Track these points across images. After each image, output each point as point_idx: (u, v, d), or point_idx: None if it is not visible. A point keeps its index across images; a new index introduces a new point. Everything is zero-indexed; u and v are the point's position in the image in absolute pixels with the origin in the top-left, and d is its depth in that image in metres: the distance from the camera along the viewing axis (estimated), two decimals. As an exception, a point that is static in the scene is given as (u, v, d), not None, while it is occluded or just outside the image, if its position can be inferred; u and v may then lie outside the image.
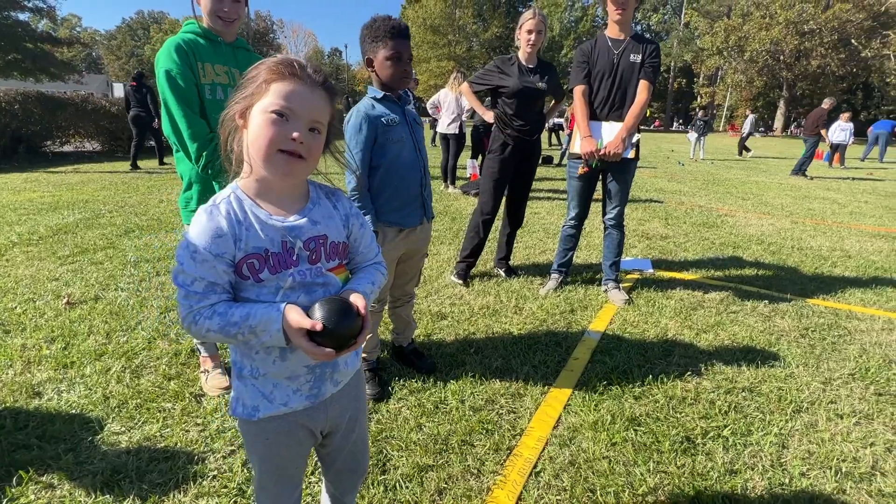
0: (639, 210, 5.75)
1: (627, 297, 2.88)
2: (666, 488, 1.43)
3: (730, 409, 1.83)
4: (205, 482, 1.41)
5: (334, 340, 0.77)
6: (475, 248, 3.14)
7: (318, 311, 0.77)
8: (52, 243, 3.75)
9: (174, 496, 1.36)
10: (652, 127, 46.93)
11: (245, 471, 1.46)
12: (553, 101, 3.34)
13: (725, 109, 45.97)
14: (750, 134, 15.70)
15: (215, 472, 1.45)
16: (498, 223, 3.29)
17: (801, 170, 10.23)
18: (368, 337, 1.86)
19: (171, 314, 2.54)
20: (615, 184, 2.85)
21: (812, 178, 9.89)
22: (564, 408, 1.83)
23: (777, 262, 3.80)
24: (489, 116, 3.13)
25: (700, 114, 14.42)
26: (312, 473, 1.44)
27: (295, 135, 0.77)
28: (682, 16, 44.49)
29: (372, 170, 1.71)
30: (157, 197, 5.79)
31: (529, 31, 2.81)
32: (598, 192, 2.98)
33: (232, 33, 1.77)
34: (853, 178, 9.97)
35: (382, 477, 1.45)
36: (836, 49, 31.20)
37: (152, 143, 10.15)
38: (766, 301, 2.90)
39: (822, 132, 10.48)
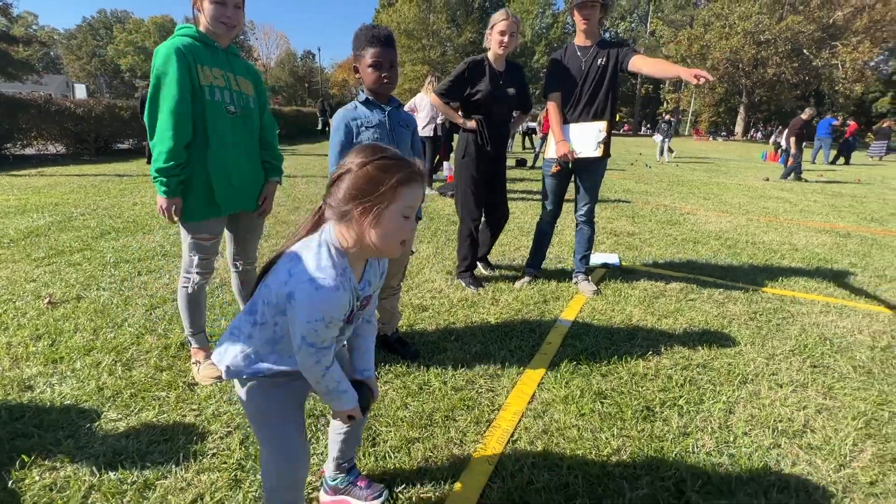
0: (608, 209, 6.03)
1: (596, 288, 3.08)
2: (627, 449, 1.61)
3: (685, 383, 2.03)
4: (205, 460, 1.50)
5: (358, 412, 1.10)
6: (472, 250, 3.15)
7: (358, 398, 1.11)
8: (25, 246, 3.70)
9: (176, 473, 1.44)
10: (621, 131, 48.37)
11: (244, 448, 1.55)
12: (519, 113, 3.19)
13: (690, 114, 47.83)
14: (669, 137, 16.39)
15: (214, 451, 1.54)
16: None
17: (798, 174, 10.64)
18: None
19: (157, 311, 2.59)
20: (586, 182, 3.05)
21: (767, 180, 10.49)
22: (538, 385, 1.99)
23: (732, 255, 4.10)
24: (471, 124, 2.96)
25: (666, 118, 15.04)
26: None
27: (412, 227, 0.98)
28: (648, 24, 46.14)
29: None
30: (130, 200, 5.71)
31: (502, 33, 2.79)
32: (570, 194, 3.17)
33: (228, 39, 1.86)
34: (805, 180, 10.59)
35: (373, 449, 1.58)
36: (789, 58, 33.00)
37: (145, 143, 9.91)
38: (721, 290, 3.16)
39: (792, 140, 10.94)
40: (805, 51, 32.82)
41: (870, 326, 2.65)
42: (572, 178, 3.10)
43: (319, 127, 21.43)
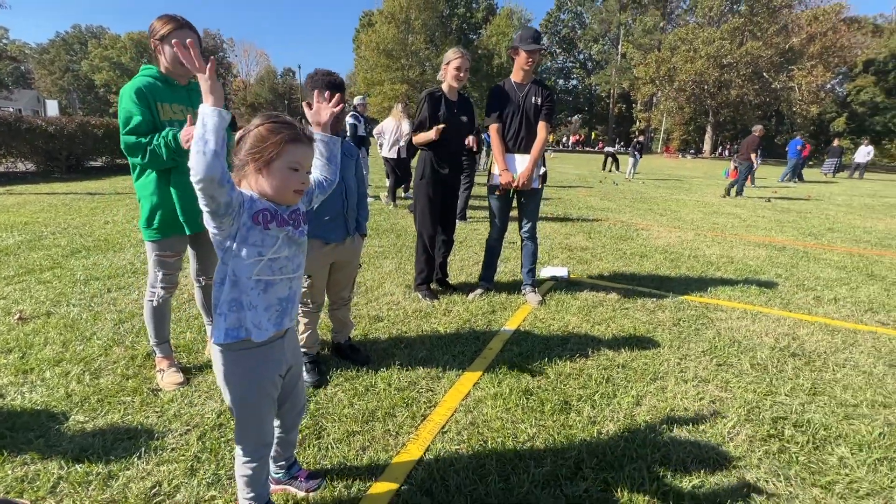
0: (567, 226, 6.38)
1: (541, 299, 3.36)
2: (541, 436, 1.86)
3: (603, 380, 2.30)
4: (165, 453, 1.69)
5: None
6: (428, 264, 3.42)
7: None
8: (-5, 264, 3.78)
9: (138, 465, 1.63)
10: (596, 148, 49.87)
11: (201, 443, 1.74)
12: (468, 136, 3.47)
13: (662, 132, 49.74)
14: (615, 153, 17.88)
15: (174, 445, 1.73)
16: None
17: (740, 190, 11.23)
18: (308, 333, 2.20)
19: (126, 325, 2.74)
20: (528, 205, 3.36)
21: (725, 196, 11.09)
22: (474, 385, 2.23)
23: (673, 267, 4.45)
24: (436, 132, 3.12)
25: (640, 138, 15.86)
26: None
27: (301, 179, 1.22)
28: (620, 47, 48.09)
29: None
30: (101, 218, 5.79)
31: (458, 69, 3.10)
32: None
33: (187, 78, 2.09)
34: (768, 199, 10.93)
35: (317, 441, 1.78)
36: (751, 81, 34.92)
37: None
38: (654, 299, 3.48)
39: (752, 156, 11.60)
40: (765, 74, 34.81)
41: (776, 330, 2.99)
42: (514, 200, 3.40)
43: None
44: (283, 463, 1.54)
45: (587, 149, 49.00)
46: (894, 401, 2.20)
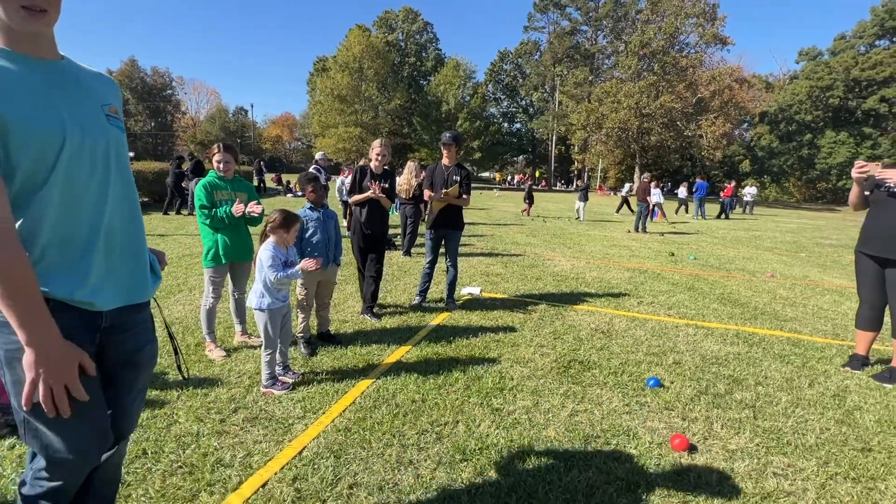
0: (490, 258, 8.12)
1: (457, 307, 4.96)
2: (440, 371, 3.40)
3: (482, 347, 3.89)
4: (231, 384, 3.07)
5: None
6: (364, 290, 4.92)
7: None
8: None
9: (218, 390, 3.00)
10: (540, 186, 53.84)
11: (249, 380, 3.14)
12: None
13: (599, 171, 54.63)
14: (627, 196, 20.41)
15: (235, 382, 3.12)
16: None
17: (643, 226, 13.57)
18: (304, 324, 3.66)
19: (173, 328, 4.04)
20: (449, 244, 5.00)
21: (630, 232, 13.38)
22: (406, 352, 3.75)
23: (557, 286, 6.22)
24: (373, 189, 4.49)
25: (583, 185, 18.21)
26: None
27: (294, 239, 2.78)
28: (556, 96, 53.09)
29: (304, 240, 3.60)
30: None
31: (378, 154, 4.55)
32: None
33: (231, 174, 3.58)
34: (661, 234, 13.35)
35: (316, 378, 3.23)
36: (667, 128, 39.85)
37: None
38: (533, 306, 5.17)
39: (648, 199, 14.13)
40: (678, 123, 39.91)
41: (600, 320, 4.74)
42: (443, 241, 5.05)
43: (255, 184, 22.61)
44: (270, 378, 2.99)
45: (534, 187, 52.74)
46: (639, 349, 3.94)
